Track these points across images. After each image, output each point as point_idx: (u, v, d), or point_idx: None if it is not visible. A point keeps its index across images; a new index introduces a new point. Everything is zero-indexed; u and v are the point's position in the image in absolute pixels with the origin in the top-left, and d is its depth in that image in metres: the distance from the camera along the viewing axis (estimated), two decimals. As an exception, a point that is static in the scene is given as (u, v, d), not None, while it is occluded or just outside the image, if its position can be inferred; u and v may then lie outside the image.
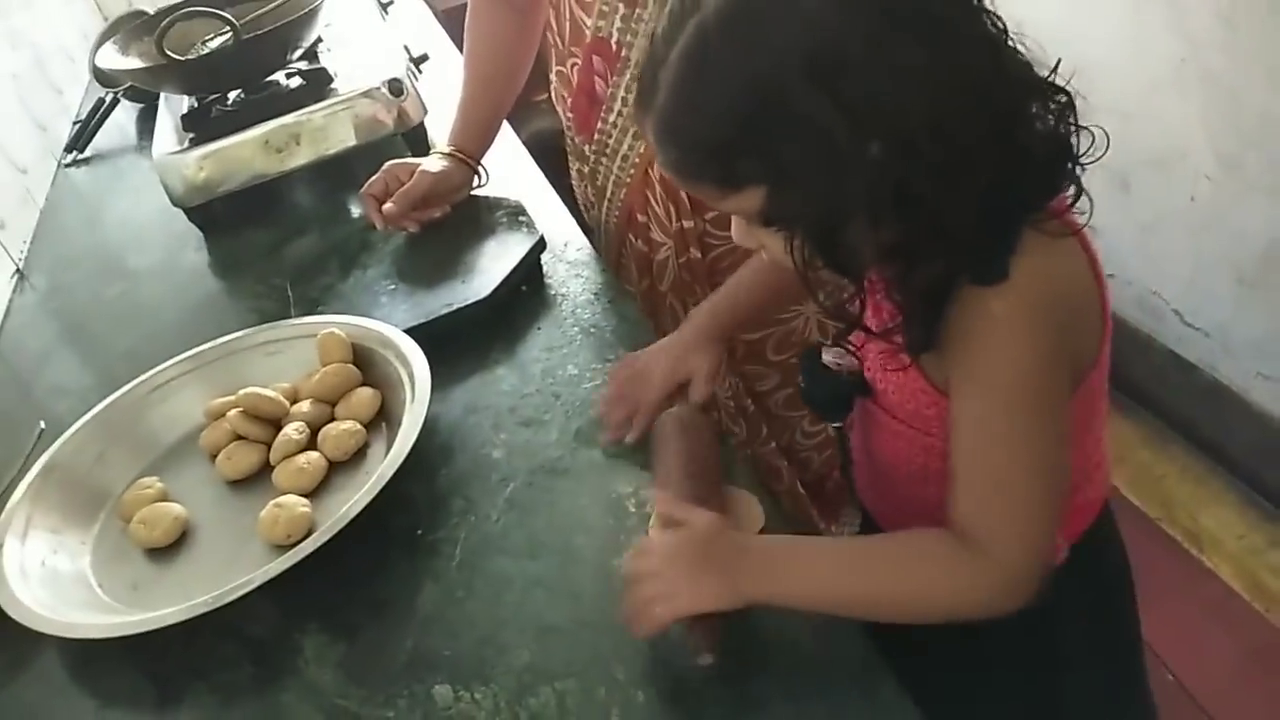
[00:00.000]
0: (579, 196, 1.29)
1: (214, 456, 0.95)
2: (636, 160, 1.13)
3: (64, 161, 1.77)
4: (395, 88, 1.36)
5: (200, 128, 1.35)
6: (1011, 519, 0.63)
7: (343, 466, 0.92)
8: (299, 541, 0.80)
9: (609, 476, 0.85)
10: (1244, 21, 1.48)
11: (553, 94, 1.22)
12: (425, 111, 1.40)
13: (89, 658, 0.79)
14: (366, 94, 1.35)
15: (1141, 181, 1.77)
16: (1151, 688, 0.94)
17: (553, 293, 1.09)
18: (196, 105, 1.41)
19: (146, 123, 1.71)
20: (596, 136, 1.16)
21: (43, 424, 1.02)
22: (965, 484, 0.64)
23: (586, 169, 1.21)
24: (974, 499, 0.64)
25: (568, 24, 1.10)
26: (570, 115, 1.20)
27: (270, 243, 1.31)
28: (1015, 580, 0.62)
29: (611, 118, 1.13)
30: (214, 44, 1.38)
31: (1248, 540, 1.75)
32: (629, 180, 1.15)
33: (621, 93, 1.11)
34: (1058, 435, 0.64)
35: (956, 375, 0.66)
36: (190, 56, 1.32)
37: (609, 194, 1.19)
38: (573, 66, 1.13)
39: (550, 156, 1.41)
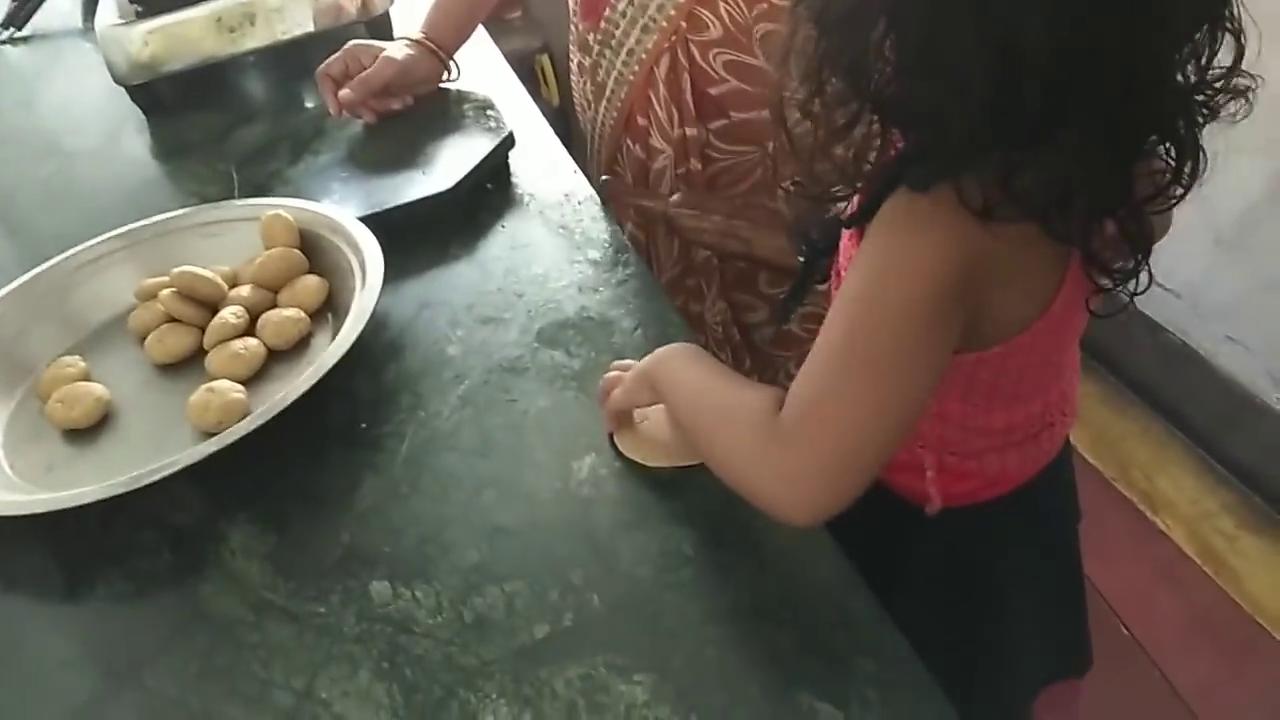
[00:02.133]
0: (575, 93, 1.21)
1: (144, 339, 0.87)
2: (643, 56, 1.05)
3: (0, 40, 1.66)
4: (361, -28, 1.27)
5: (148, 2, 1.26)
6: (819, 417, 0.56)
7: (284, 356, 0.85)
8: (230, 428, 0.74)
9: (570, 378, 0.79)
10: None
11: None
12: (391, 1, 1.32)
13: (-7, 539, 0.72)
14: (329, -22, 1.26)
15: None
16: (1091, 631, 0.92)
17: (520, 192, 1.03)
18: (145, -22, 1.31)
19: (92, 3, 1.60)
20: (602, 25, 1.07)
21: (-43, 296, 0.94)
22: (808, 359, 0.59)
23: (588, 61, 1.12)
24: (802, 376, 0.58)
25: None
26: (579, 2, 1.11)
27: (217, 128, 1.22)
28: (797, 481, 0.56)
29: (621, 5, 1.05)
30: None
31: (1201, 504, 1.75)
32: (631, 77, 1.07)
33: None
34: (910, 372, 0.57)
35: (856, 253, 0.60)
36: (139, -80, 1.22)
37: (609, 91, 1.11)
38: None
39: (523, 79, 1.33)
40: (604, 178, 0.60)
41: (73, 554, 0.70)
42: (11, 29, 1.65)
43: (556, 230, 0.97)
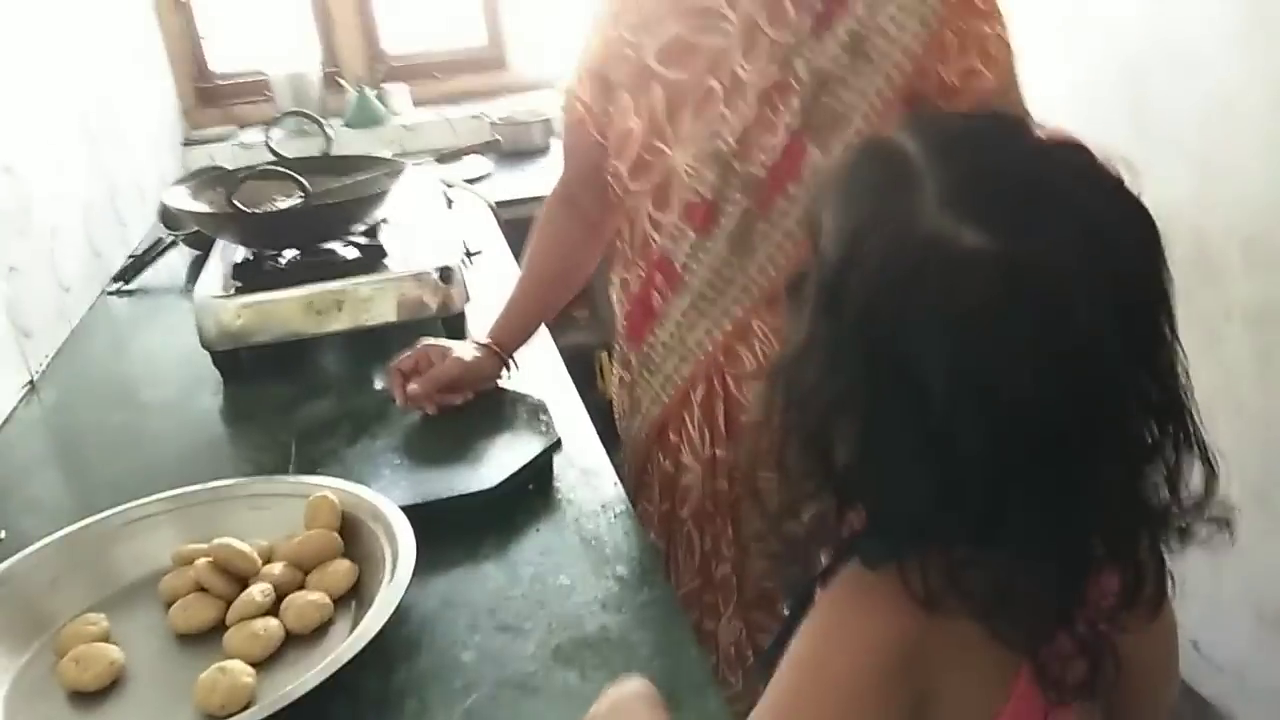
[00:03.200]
0: (616, 405, 1.27)
1: (171, 604, 0.88)
2: (679, 382, 1.12)
3: (108, 289, 1.81)
4: (446, 275, 1.39)
5: (248, 278, 1.38)
6: None
7: (302, 640, 0.85)
8: (234, 714, 0.73)
9: (580, 705, 0.78)
10: (1277, 356, 1.50)
11: (613, 297, 1.23)
12: (468, 300, 1.42)
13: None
14: (417, 276, 1.38)
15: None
16: None
17: (559, 497, 1.06)
18: (251, 258, 1.44)
19: (198, 269, 1.75)
20: (644, 349, 1.15)
21: (3, 533, 0.97)
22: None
23: (629, 378, 1.20)
24: None
25: (639, 236, 1.12)
26: (624, 323, 1.20)
27: (287, 398, 1.30)
28: None
29: (663, 335, 1.12)
30: (283, 205, 1.42)
31: None
32: (666, 399, 1.13)
33: (676, 315, 1.11)
34: None
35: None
36: (257, 210, 1.36)
37: (644, 408, 1.17)
38: (636, 275, 1.15)
39: (579, 371, 1.41)
40: None
41: (45, 833, 0.68)
42: (121, 282, 1.81)
43: (589, 541, 0.98)
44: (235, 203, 1.29)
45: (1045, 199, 0.52)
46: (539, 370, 1.31)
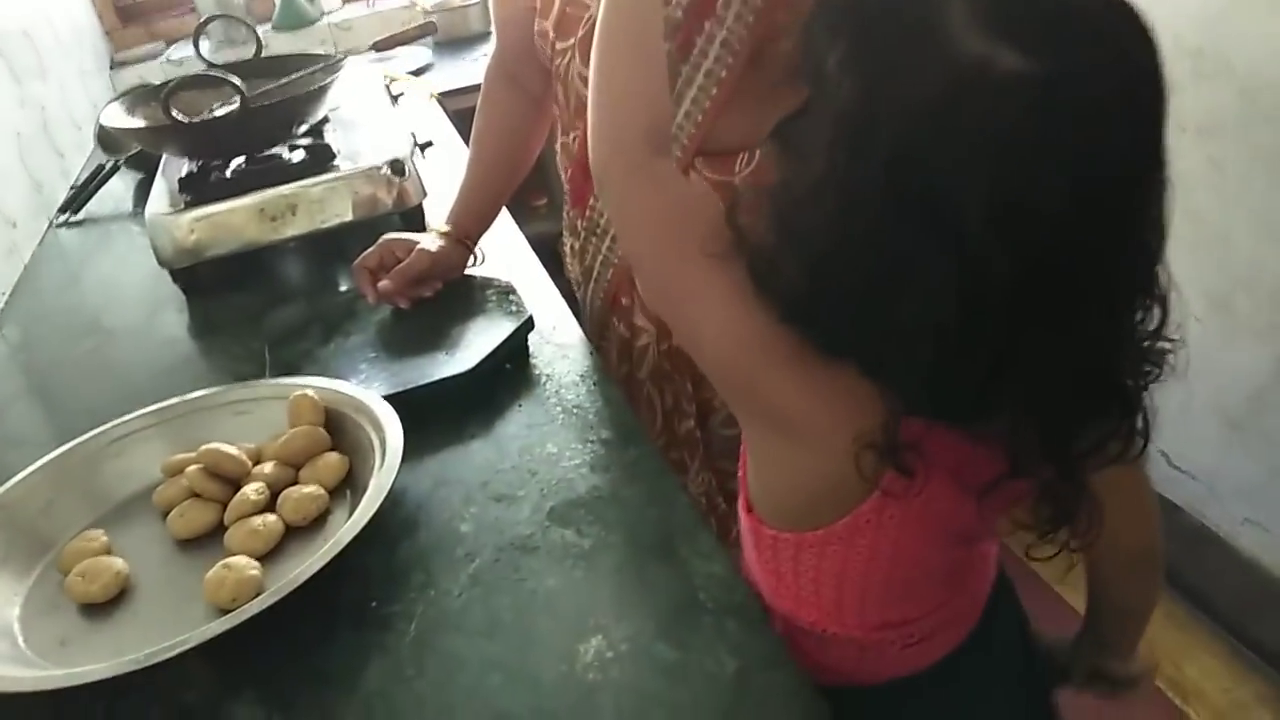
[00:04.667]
0: (570, 273, 1.28)
1: (167, 514, 0.90)
2: None
3: (55, 222, 1.76)
4: (397, 168, 1.36)
5: (196, 191, 1.35)
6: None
7: (301, 532, 0.87)
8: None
9: (579, 557, 0.81)
10: (1231, 166, 1.51)
11: (557, 161, 1.22)
12: (425, 194, 1.40)
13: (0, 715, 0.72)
14: (368, 172, 1.35)
15: (1130, 320, 1.78)
16: None
17: (537, 372, 1.07)
18: (195, 170, 1.40)
19: (144, 192, 1.71)
20: (588, 213, 1.15)
21: (-10, 469, 0.97)
22: None
23: (577, 244, 1.20)
24: None
25: (574, 97, 1.10)
26: (568, 187, 1.19)
27: (253, 308, 1.29)
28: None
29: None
30: (221, 112, 1.38)
31: (1233, 694, 1.69)
32: (616, 260, 1.14)
33: None
34: None
35: None
36: (196, 119, 1.32)
37: (595, 273, 1.17)
38: (574, 138, 1.13)
39: (545, 259, 1.40)
40: None
41: (79, 732, 0.71)
42: (67, 213, 1.76)
43: (571, 410, 1.00)
44: (173, 113, 1.25)
45: (1075, 19, 0.51)
46: (505, 256, 1.31)
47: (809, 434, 0.64)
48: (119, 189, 1.86)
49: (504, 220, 1.40)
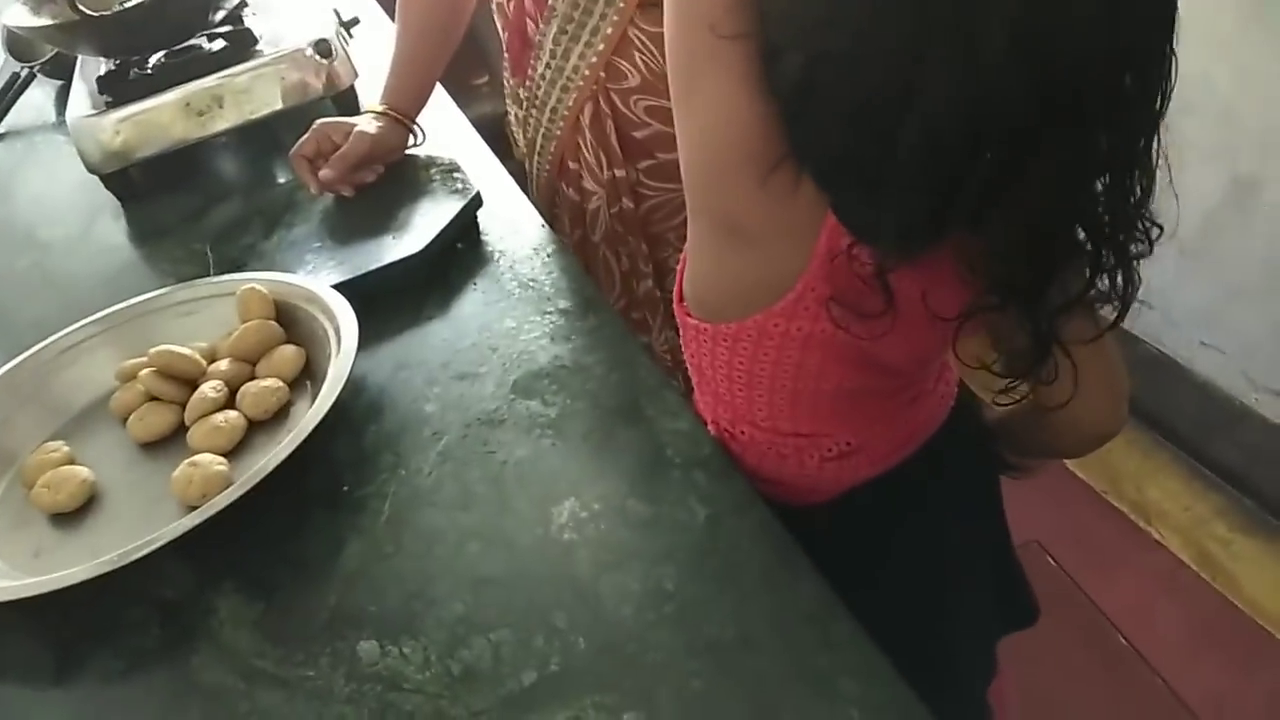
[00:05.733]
0: (516, 148, 1.25)
1: (126, 420, 0.88)
2: (565, 113, 1.09)
3: (-25, 138, 1.68)
4: (323, 49, 1.30)
5: (117, 91, 1.28)
6: None
7: (264, 426, 0.86)
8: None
9: (546, 426, 0.81)
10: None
11: (496, 23, 1.17)
12: (356, 75, 1.35)
13: (-19, 627, 0.73)
14: (293, 55, 1.29)
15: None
16: (1092, 644, 0.95)
17: (490, 249, 1.05)
18: (114, 69, 1.34)
19: (64, 99, 1.63)
20: (527, 83, 1.11)
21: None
22: None
23: (520, 114, 1.16)
24: None
25: None
26: (506, 55, 1.15)
27: (191, 209, 1.24)
28: None
29: (540, 68, 1.08)
30: (131, 2, 1.31)
31: (1193, 511, 1.76)
32: (558, 132, 1.11)
33: (549, 44, 1.07)
34: None
35: None
36: (105, 13, 1.25)
37: (539, 146, 1.15)
38: (508, 1, 1.09)
39: (491, 141, 1.36)
40: None
41: (62, 636, 0.71)
42: (-13, 128, 1.68)
43: (527, 284, 0.98)
44: (79, 7, 1.18)
45: None
46: (447, 136, 1.27)
47: (755, 243, 0.65)
48: (39, 98, 1.77)
49: (443, 100, 1.36)
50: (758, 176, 0.60)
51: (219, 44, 1.33)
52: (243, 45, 1.32)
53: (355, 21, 1.48)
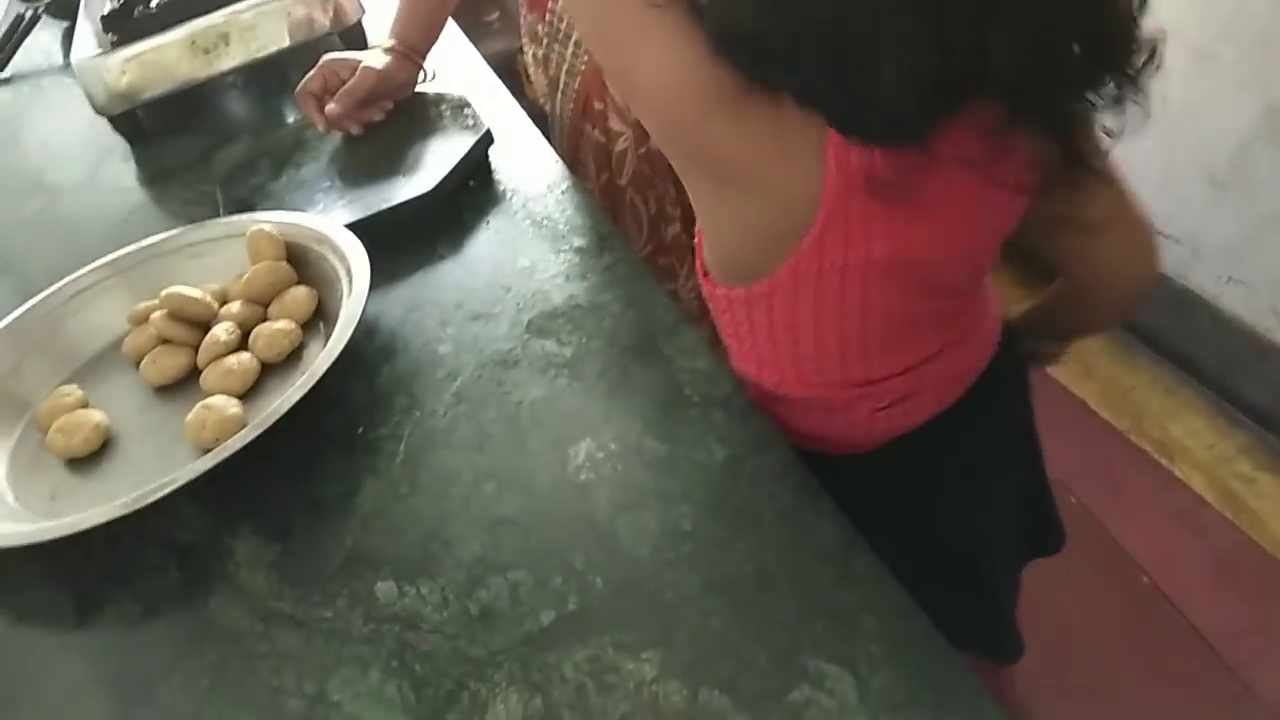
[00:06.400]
0: (534, 84, 1.21)
1: (139, 363, 0.88)
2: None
3: (-18, 82, 1.67)
4: (330, -17, 1.27)
5: (122, 30, 1.26)
6: None
7: (277, 368, 0.86)
8: (229, 443, 0.74)
9: (561, 366, 0.79)
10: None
11: None
12: (363, 10, 1.32)
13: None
14: (299, -10, 1.26)
15: (1111, 84, 1.71)
16: (1115, 583, 0.94)
17: (502, 187, 1.03)
18: (118, 7, 1.31)
19: (70, 41, 1.61)
20: (547, 17, 1.08)
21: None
22: None
23: (540, 52, 1.13)
24: None
25: None
26: None
27: (199, 149, 1.23)
28: None
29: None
30: (132, -62, 1.28)
31: (1217, 449, 1.74)
32: (583, 67, 1.08)
33: None
34: None
35: None
36: (105, -50, 1.23)
37: (562, 83, 1.11)
38: None
39: (508, 78, 1.33)
40: None
41: (80, 580, 0.71)
42: (-8, 72, 1.66)
43: (541, 222, 0.96)
44: (78, -57, 1.15)
45: None
46: (458, 72, 1.24)
47: (751, 177, 0.62)
48: (45, 40, 1.75)
49: (455, 35, 1.32)
50: (731, 114, 0.58)
51: (223, -21, 1.30)
52: (247, -19, 1.29)
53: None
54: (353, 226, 0.92)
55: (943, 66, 0.50)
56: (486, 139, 1.05)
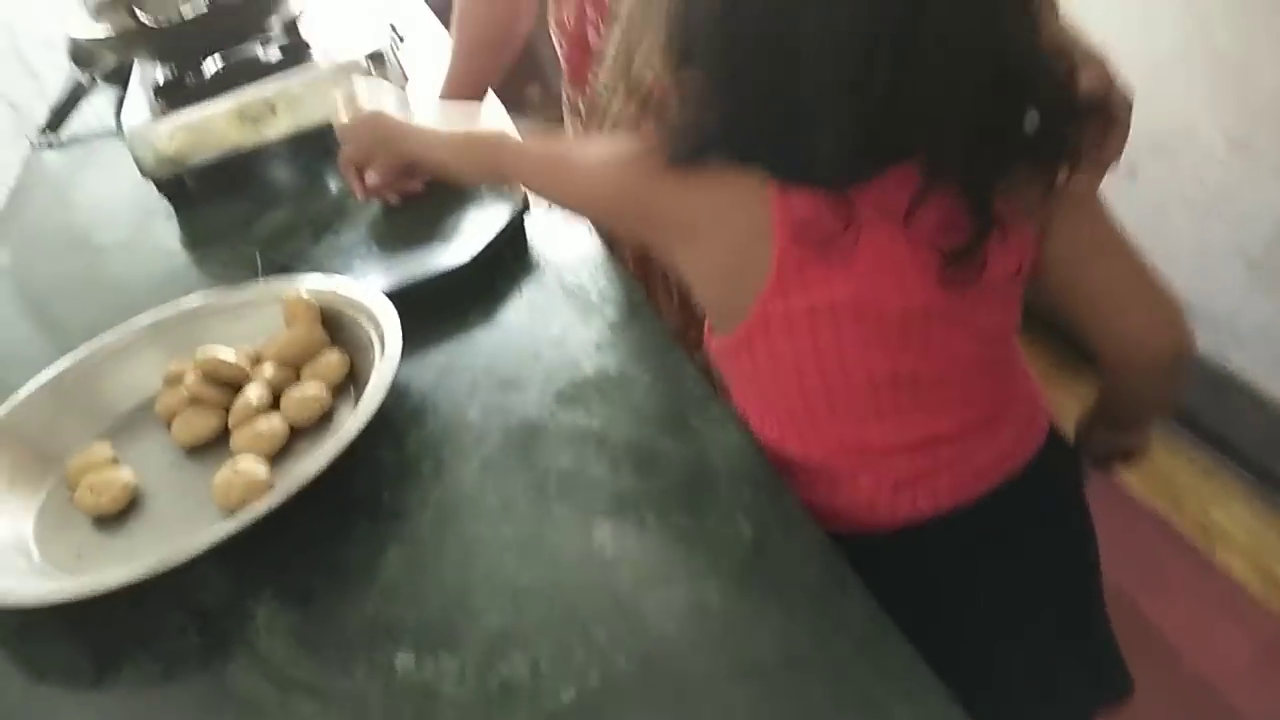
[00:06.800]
0: None
1: (171, 423, 0.89)
2: (627, 120, 1.08)
3: (38, 144, 1.72)
4: (377, 60, 1.31)
5: (173, 98, 1.30)
6: None
7: (307, 432, 0.86)
8: (256, 506, 0.74)
9: (589, 435, 0.79)
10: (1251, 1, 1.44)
11: (553, 38, 1.16)
12: (406, 82, 1.35)
13: (22, 628, 0.73)
14: (347, 66, 1.30)
15: (1149, 166, 1.71)
16: (1155, 671, 0.89)
17: (536, 256, 1.04)
18: (170, 77, 1.35)
19: (122, 107, 1.66)
20: (587, 90, 1.10)
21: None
22: None
23: (579, 126, 1.15)
24: None
25: None
26: (565, 65, 1.14)
27: (242, 215, 1.25)
28: None
29: (602, 74, 1.07)
30: (188, 11, 1.33)
31: (1257, 535, 1.69)
32: None
33: (611, 49, 1.06)
34: None
35: None
36: (163, 21, 1.27)
37: None
38: (570, 11, 1.08)
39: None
40: None
41: (102, 639, 0.70)
42: (48, 134, 1.72)
43: (573, 291, 0.97)
44: (139, 15, 1.20)
45: None
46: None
47: (702, 229, 0.68)
48: (101, 106, 1.81)
49: (494, 105, 1.35)
50: (675, 176, 0.66)
51: (275, 54, 1.35)
52: (298, 54, 1.33)
53: (408, 35, 1.48)
54: (388, 294, 0.93)
55: (869, 133, 0.56)
56: (523, 210, 1.06)
